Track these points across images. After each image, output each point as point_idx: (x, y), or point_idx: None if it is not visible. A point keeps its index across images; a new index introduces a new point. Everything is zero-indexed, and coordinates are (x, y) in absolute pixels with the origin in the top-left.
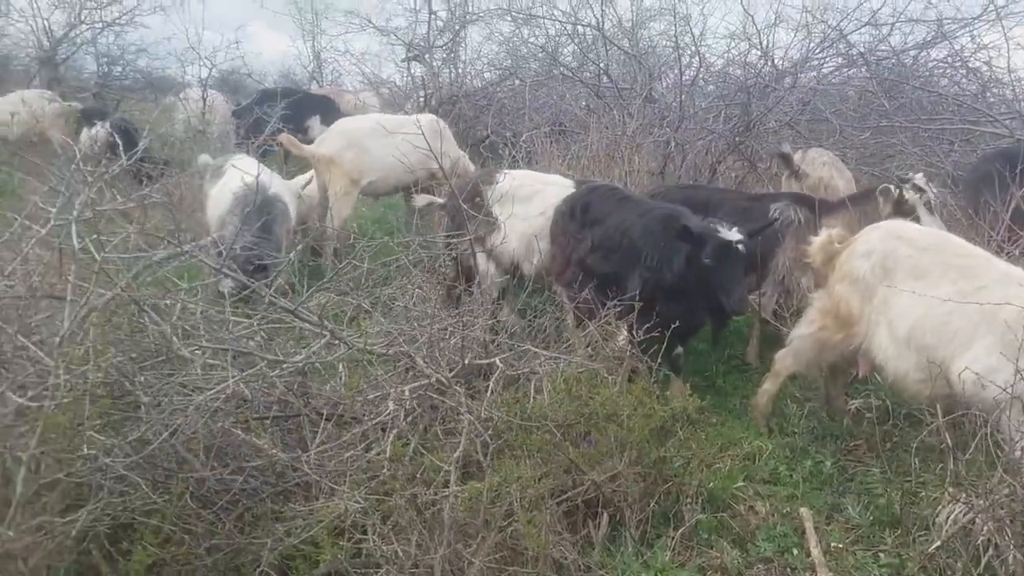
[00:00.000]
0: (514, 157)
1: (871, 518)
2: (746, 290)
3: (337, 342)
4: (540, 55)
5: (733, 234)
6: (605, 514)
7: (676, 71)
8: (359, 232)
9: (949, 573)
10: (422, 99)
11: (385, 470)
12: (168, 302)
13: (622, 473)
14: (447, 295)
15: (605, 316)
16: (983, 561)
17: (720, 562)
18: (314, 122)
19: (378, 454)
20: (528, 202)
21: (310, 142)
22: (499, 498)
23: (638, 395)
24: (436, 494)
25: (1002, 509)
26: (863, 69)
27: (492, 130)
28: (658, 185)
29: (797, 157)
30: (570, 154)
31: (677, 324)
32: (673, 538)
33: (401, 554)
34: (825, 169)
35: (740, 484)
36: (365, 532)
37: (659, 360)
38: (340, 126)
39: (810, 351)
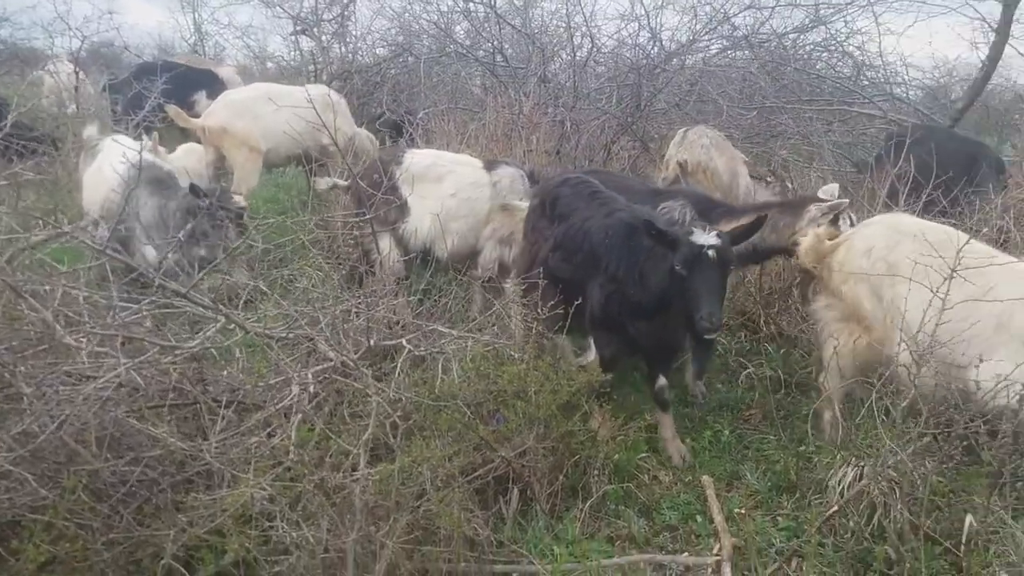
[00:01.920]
0: (411, 135)
1: (769, 484)
2: (720, 306)
3: (234, 326)
4: (433, 32)
5: (707, 237)
6: (516, 490)
7: (568, 51)
8: (251, 212)
9: (843, 533)
10: (312, 74)
11: (291, 456)
12: (48, 287)
13: (531, 449)
14: (349, 276)
15: (512, 294)
16: (875, 521)
17: (628, 531)
18: (200, 96)
19: (283, 440)
20: (440, 182)
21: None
22: (410, 479)
23: (544, 371)
24: (346, 478)
25: (892, 471)
26: (747, 51)
27: (387, 107)
28: (563, 169)
29: (678, 138)
30: (468, 132)
31: (653, 349)
32: (582, 510)
33: (312, 539)
34: (703, 152)
35: (644, 455)
36: (273, 519)
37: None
38: (227, 97)
39: (850, 365)
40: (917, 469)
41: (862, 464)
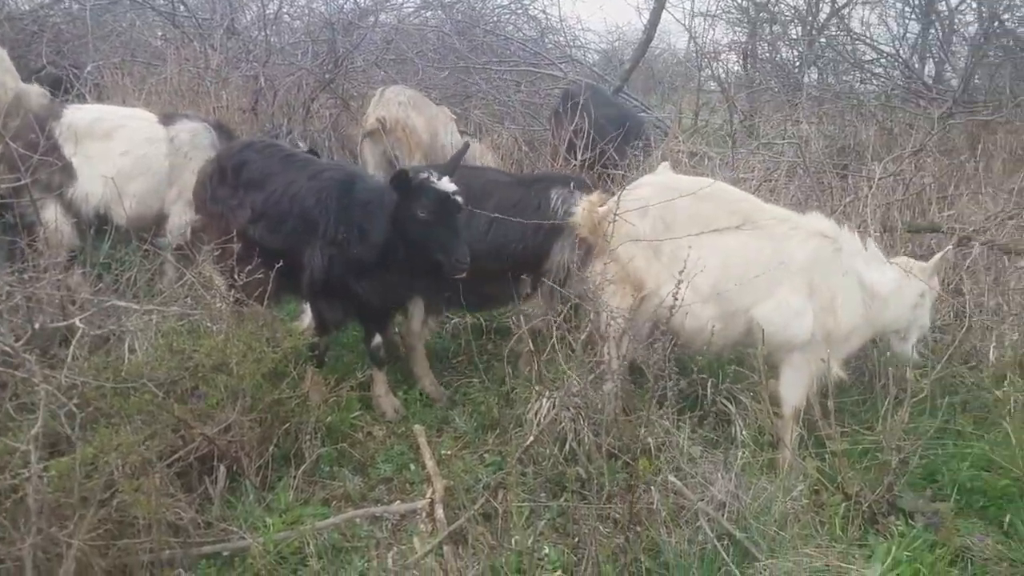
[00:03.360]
0: (78, 91)
1: (475, 424)
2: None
3: None
4: None
5: (448, 183)
6: (222, 467)
7: (258, 3)
8: None
9: (541, 460)
10: None
11: None
12: None
13: (236, 422)
14: (9, 254)
15: (204, 260)
16: (567, 446)
17: (343, 490)
18: None
19: None
20: (108, 139)
21: None
22: (96, 470)
23: (247, 340)
24: (15, 478)
25: (577, 398)
26: (439, 12)
27: (49, 60)
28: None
29: (376, 96)
30: (147, 88)
31: (378, 308)
32: (295, 477)
33: None
34: (400, 109)
35: (357, 413)
36: None
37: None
38: None
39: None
40: (597, 395)
41: (553, 396)
